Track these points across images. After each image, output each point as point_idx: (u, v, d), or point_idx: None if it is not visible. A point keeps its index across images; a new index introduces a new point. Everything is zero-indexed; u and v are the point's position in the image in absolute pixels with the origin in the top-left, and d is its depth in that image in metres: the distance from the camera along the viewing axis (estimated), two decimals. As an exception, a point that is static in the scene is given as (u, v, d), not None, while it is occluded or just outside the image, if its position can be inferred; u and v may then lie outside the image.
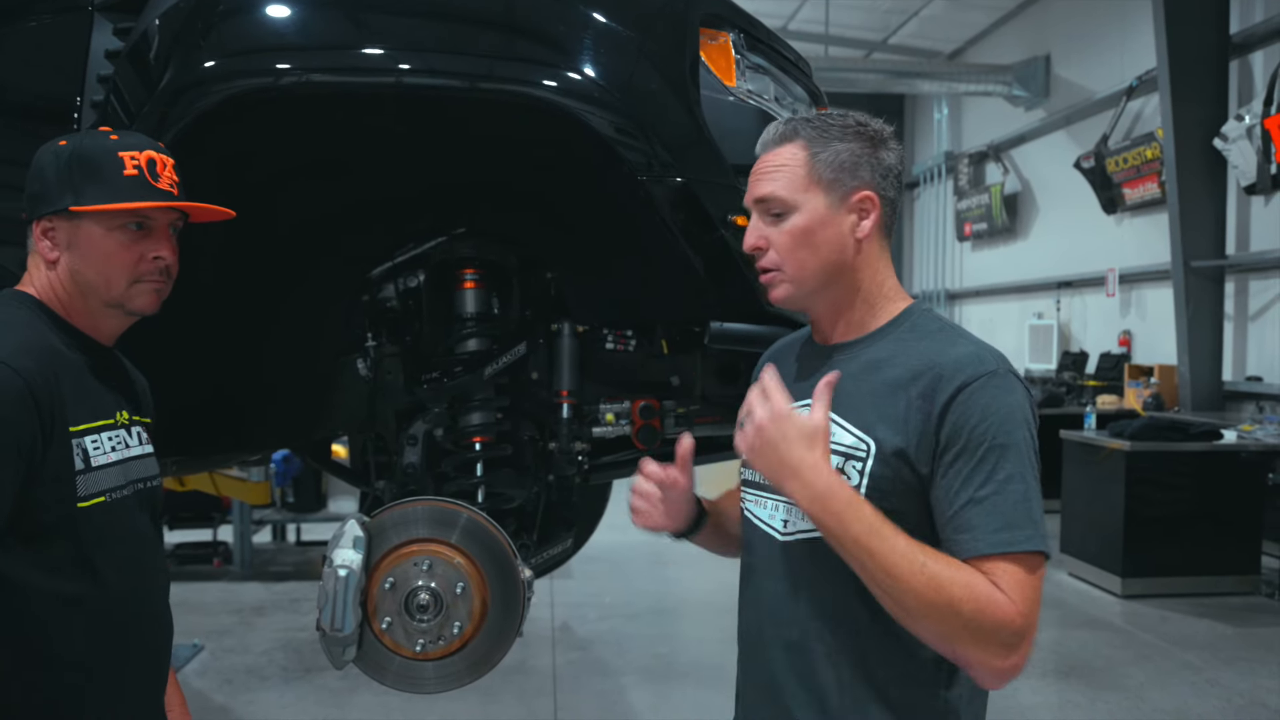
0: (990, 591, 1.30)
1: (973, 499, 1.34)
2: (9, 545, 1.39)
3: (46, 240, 1.55)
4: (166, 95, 1.89)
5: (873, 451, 1.41)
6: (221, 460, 3.06)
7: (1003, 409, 1.37)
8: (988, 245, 15.17)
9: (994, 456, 1.34)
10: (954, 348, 1.43)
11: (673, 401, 2.50)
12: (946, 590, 1.29)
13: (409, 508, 2.08)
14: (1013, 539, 1.33)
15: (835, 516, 1.33)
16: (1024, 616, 1.30)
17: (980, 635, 1.30)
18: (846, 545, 1.33)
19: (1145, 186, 10.40)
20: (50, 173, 1.54)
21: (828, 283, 1.48)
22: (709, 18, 2.07)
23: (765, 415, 1.38)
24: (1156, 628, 5.69)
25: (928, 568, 1.30)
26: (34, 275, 1.58)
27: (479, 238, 2.37)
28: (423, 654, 2.06)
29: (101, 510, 1.50)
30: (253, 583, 6.50)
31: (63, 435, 1.45)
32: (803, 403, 1.51)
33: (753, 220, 1.52)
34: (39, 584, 1.43)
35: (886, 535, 1.32)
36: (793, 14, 14.87)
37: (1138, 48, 10.47)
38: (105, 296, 1.56)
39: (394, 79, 1.98)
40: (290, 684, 4.71)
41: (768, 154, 1.51)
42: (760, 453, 1.38)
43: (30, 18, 2.05)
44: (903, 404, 1.40)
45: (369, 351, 2.43)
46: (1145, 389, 9.47)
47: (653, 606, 5.99)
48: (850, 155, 1.46)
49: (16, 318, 1.50)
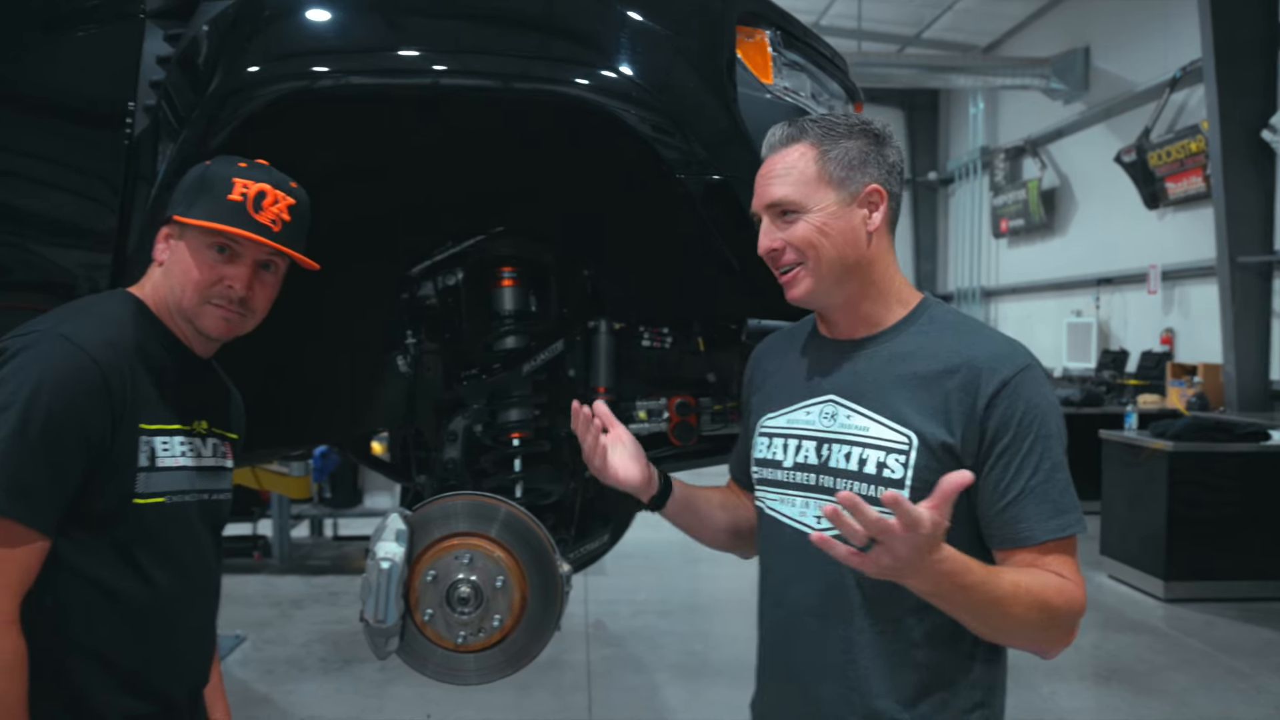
0: (1064, 584, 1.40)
1: (1026, 489, 1.42)
2: (64, 527, 1.44)
3: (162, 243, 1.62)
4: (214, 99, 1.93)
5: (915, 444, 1.44)
6: (266, 454, 3.12)
7: (1042, 402, 1.44)
8: (1025, 242, 15.03)
9: (1040, 447, 1.42)
10: (984, 342, 1.49)
11: (709, 398, 2.51)
12: (1049, 602, 1.39)
13: (449, 502, 2.10)
14: (1065, 524, 1.43)
15: (962, 588, 1.33)
16: (1083, 598, 1.43)
17: (1067, 627, 1.42)
18: (963, 606, 1.36)
19: (1189, 180, 10.27)
20: (184, 185, 1.62)
21: (845, 276, 1.51)
22: (746, 15, 2.08)
23: (908, 548, 1.25)
24: (1201, 632, 5.61)
25: (1029, 589, 1.37)
26: (147, 277, 1.65)
27: (517, 236, 2.39)
28: (463, 646, 2.08)
29: (157, 511, 1.54)
30: (291, 576, 6.60)
31: (132, 430, 1.49)
32: (817, 399, 1.55)
33: (765, 225, 1.55)
34: (79, 568, 1.47)
35: (991, 578, 1.36)
36: (825, 9, 14.82)
37: (1181, 38, 10.33)
38: (179, 307, 1.60)
39: (431, 80, 2.01)
40: (329, 675, 4.78)
41: (775, 156, 1.54)
42: (892, 571, 1.29)
43: (85, 26, 2.10)
44: (940, 397, 1.44)
45: (409, 348, 2.46)
46: (1189, 388, 9.36)
47: (686, 603, 6.01)
48: (859, 152, 1.51)
49: (113, 314, 1.56)
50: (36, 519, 1.40)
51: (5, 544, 1.38)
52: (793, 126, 1.55)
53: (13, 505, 1.38)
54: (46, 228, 2.13)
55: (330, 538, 7.70)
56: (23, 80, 2.15)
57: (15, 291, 2.19)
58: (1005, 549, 1.44)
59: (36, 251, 2.14)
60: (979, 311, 15.99)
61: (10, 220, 2.14)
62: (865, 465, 1.48)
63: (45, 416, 1.40)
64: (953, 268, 17.52)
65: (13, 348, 1.45)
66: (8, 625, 1.38)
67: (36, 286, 2.16)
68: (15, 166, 2.15)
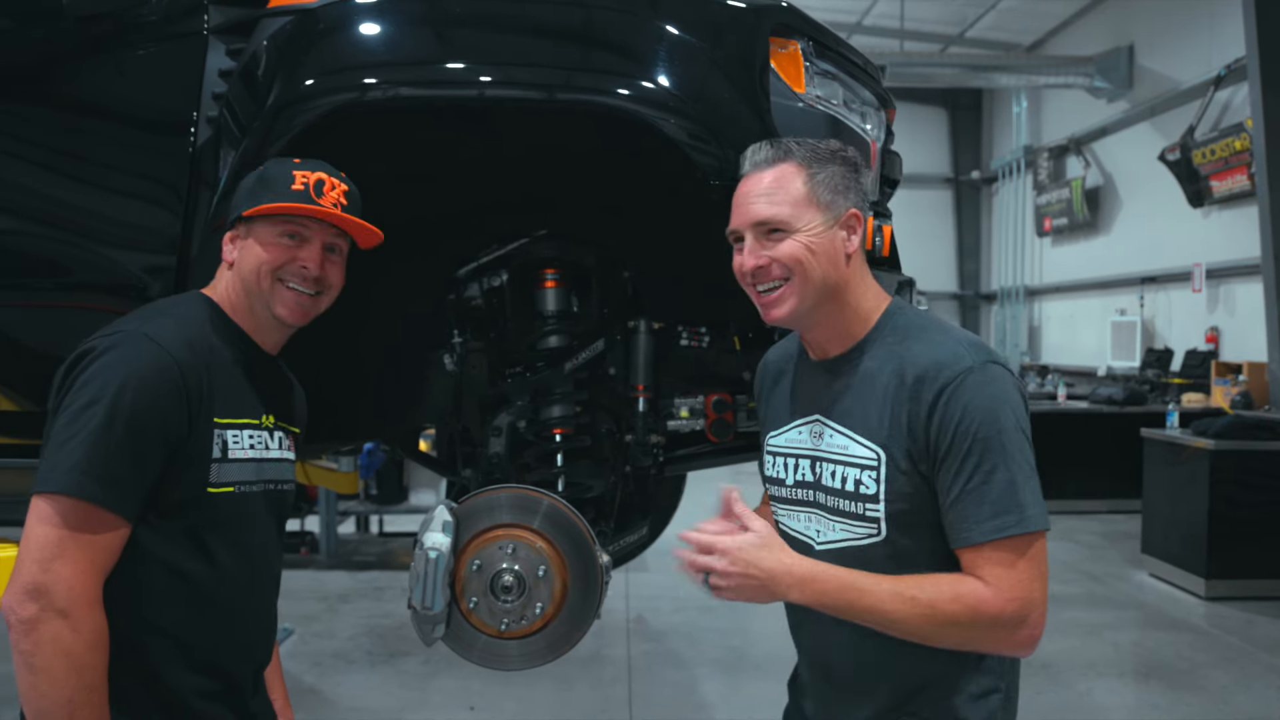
0: (974, 591, 1.44)
1: (963, 492, 1.46)
2: (142, 514, 1.54)
3: (229, 244, 1.73)
4: (273, 111, 2.02)
5: (883, 459, 1.51)
6: (319, 449, 3.22)
7: (982, 403, 1.46)
8: (1068, 240, 14.87)
9: (978, 449, 1.45)
10: (930, 348, 1.52)
11: (745, 396, 2.57)
12: (941, 610, 1.44)
13: (494, 494, 2.18)
14: (1000, 525, 1.44)
15: (819, 594, 1.48)
16: (1012, 601, 1.43)
17: (983, 631, 1.45)
18: (844, 611, 1.48)
19: (1234, 178, 10.14)
20: (244, 188, 1.73)
21: (826, 297, 1.56)
22: (779, 27, 2.14)
23: (725, 561, 1.51)
24: (1242, 630, 5.58)
25: (916, 598, 1.44)
26: (218, 279, 1.75)
27: (559, 239, 2.47)
28: (507, 633, 2.15)
29: (229, 500, 1.63)
30: (338, 571, 6.73)
31: (207, 423, 1.59)
32: (806, 419, 1.63)
33: (748, 243, 1.57)
34: (156, 551, 1.56)
35: (867, 587, 1.46)
36: (868, 9, 14.76)
37: (1226, 36, 10.20)
38: (256, 291, 1.69)
39: (477, 91, 2.09)
40: (375, 667, 4.88)
41: (759, 174, 1.57)
42: (743, 590, 1.51)
43: (152, 42, 2.22)
44: (898, 409, 1.50)
45: (455, 347, 2.54)
46: (1233, 387, 9.23)
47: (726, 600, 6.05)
48: (841, 177, 1.56)
49: (188, 314, 1.67)
50: (122, 506, 1.50)
51: (93, 529, 1.47)
52: (776, 147, 1.58)
53: (103, 493, 1.47)
54: (115, 232, 2.25)
55: (376, 534, 7.82)
56: (94, 94, 2.27)
57: (84, 293, 2.31)
58: (955, 549, 1.49)
59: (105, 255, 2.26)
60: (1023, 311, 15.86)
61: (81, 225, 2.26)
62: (847, 483, 1.55)
63: (130, 413, 1.50)
64: (996, 267, 17.37)
65: (100, 347, 1.55)
66: (92, 605, 1.48)
67: (105, 288, 2.28)
68: (86, 174, 2.27)
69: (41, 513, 1.47)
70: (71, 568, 1.46)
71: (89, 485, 1.47)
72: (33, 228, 2.30)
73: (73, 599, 1.45)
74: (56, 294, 2.31)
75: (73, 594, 1.45)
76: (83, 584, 1.47)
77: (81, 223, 2.26)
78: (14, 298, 2.32)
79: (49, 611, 1.44)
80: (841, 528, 1.56)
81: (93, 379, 1.52)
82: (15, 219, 2.30)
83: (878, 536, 1.52)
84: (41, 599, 1.44)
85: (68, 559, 1.45)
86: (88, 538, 1.47)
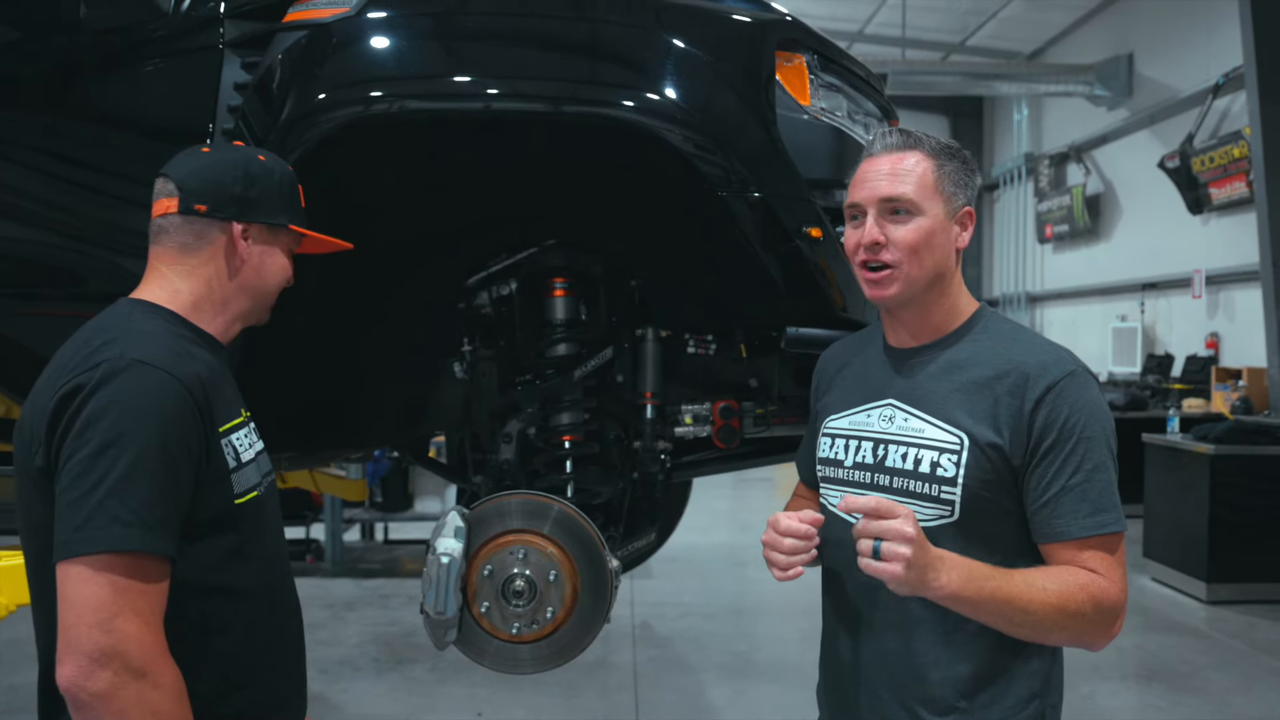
0: (1095, 581, 1.48)
1: (1065, 487, 1.49)
2: (179, 545, 1.42)
3: (244, 241, 1.61)
4: (287, 124, 2.06)
5: (966, 444, 1.53)
6: (329, 456, 3.25)
7: (1087, 405, 1.51)
8: (1069, 247, 14.91)
9: (1082, 448, 1.49)
10: (1034, 349, 1.56)
11: (751, 403, 2.61)
12: (1073, 600, 1.46)
13: (505, 501, 2.21)
14: (1103, 522, 1.49)
15: (967, 579, 1.44)
16: (1123, 591, 1.50)
17: (1101, 622, 1.49)
18: (984, 604, 1.46)
19: (1233, 186, 10.17)
20: (266, 184, 1.64)
21: (931, 285, 1.59)
22: (784, 41, 2.17)
23: (909, 525, 1.41)
24: (1243, 634, 5.60)
25: (1048, 589, 1.46)
26: (162, 280, 1.60)
27: (568, 249, 2.50)
28: (518, 637, 2.19)
29: (254, 505, 1.56)
30: (343, 579, 6.72)
31: (216, 437, 1.50)
32: (876, 404, 1.64)
33: (870, 217, 1.57)
34: (202, 580, 1.47)
35: (1007, 578, 1.46)
36: (870, 18, 14.82)
37: (1224, 44, 10.24)
38: (266, 303, 1.69)
39: (483, 104, 2.13)
40: (382, 675, 4.89)
41: (888, 156, 1.59)
42: (914, 564, 1.41)
43: (168, 56, 2.25)
44: (990, 401, 1.53)
45: (465, 355, 2.58)
46: (1233, 392, 9.26)
47: (731, 606, 6.08)
48: (961, 173, 1.60)
49: (155, 328, 1.52)
50: (169, 547, 1.40)
51: (146, 577, 1.36)
52: (906, 135, 1.61)
53: (150, 539, 1.36)
54: (131, 243, 2.27)
55: (381, 541, 7.80)
56: (111, 106, 2.31)
57: (100, 302, 2.32)
58: (1046, 543, 1.52)
59: (121, 265, 2.27)
60: (1024, 317, 15.87)
61: (98, 236, 2.30)
62: (920, 464, 1.56)
63: (158, 445, 1.38)
64: (998, 273, 17.41)
65: (89, 382, 1.39)
66: (165, 655, 1.38)
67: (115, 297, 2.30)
68: (103, 185, 2.31)
69: (82, 574, 1.33)
70: (136, 622, 1.34)
71: (134, 536, 1.34)
72: (49, 238, 2.34)
73: (145, 655, 1.34)
74: (73, 303, 2.33)
75: (144, 650, 1.34)
76: (151, 637, 1.36)
77: (98, 233, 2.29)
78: (30, 307, 2.35)
79: (124, 675, 1.32)
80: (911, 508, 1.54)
81: (97, 419, 1.37)
82: (32, 228, 2.33)
83: (950, 518, 1.53)
84: (113, 664, 1.31)
85: (129, 615, 1.33)
86: (142, 587, 1.35)
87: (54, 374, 1.46)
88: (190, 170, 1.61)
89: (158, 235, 1.61)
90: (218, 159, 1.65)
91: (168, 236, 1.60)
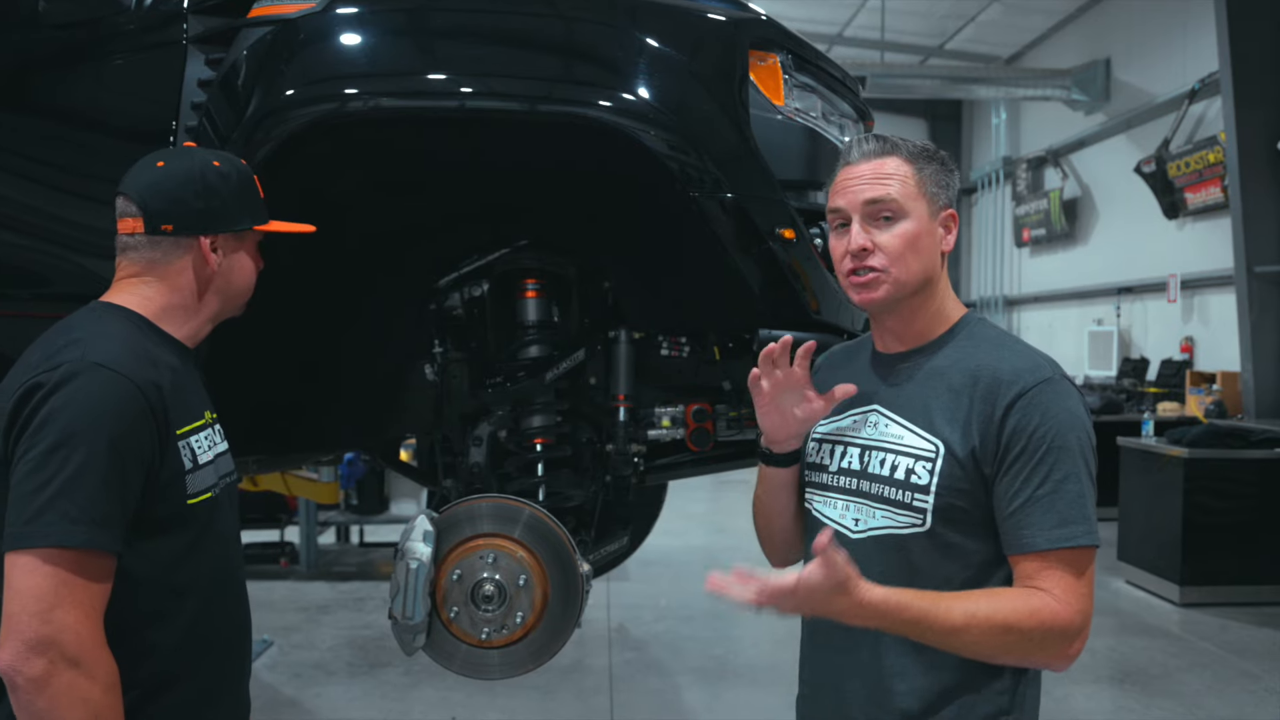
0: (1045, 604, 1.44)
1: (1031, 497, 1.46)
2: (128, 540, 1.47)
3: (215, 254, 1.66)
4: (253, 121, 2.03)
5: (941, 452, 1.51)
6: (298, 459, 3.21)
7: (1062, 414, 1.48)
8: (1046, 251, 15.01)
9: (1052, 458, 1.46)
10: (1012, 356, 1.54)
11: (725, 405, 2.59)
12: (1014, 625, 1.43)
13: (475, 504, 2.19)
14: (1068, 535, 1.45)
15: (904, 623, 1.43)
16: (1079, 614, 1.44)
17: (1048, 644, 1.45)
18: (912, 634, 1.45)
19: (1208, 191, 10.27)
20: (226, 192, 1.66)
21: (918, 289, 1.58)
22: (758, 40, 2.16)
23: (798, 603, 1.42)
24: (1215, 636, 5.64)
25: (992, 615, 1.43)
26: (132, 287, 1.64)
27: (540, 249, 2.48)
28: (487, 642, 2.16)
29: (206, 506, 1.60)
30: (318, 582, 6.68)
31: (172, 438, 1.54)
32: (860, 409, 1.63)
33: (855, 224, 1.57)
34: (150, 576, 1.51)
35: (938, 608, 1.43)
36: (848, 21, 14.87)
37: (1200, 50, 10.34)
38: (239, 302, 1.73)
39: (457, 103, 2.10)
40: (356, 679, 4.86)
41: (870, 163, 1.58)
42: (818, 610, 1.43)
43: (130, 51, 2.21)
44: (965, 406, 1.52)
45: (436, 357, 2.54)
46: (1207, 396, 9.34)
47: (708, 609, 6.06)
48: (942, 176, 1.60)
49: (123, 332, 1.56)
50: (114, 544, 1.44)
51: (89, 573, 1.41)
52: (883, 140, 1.60)
53: (95, 536, 1.41)
54: (94, 241, 2.22)
55: (356, 544, 7.77)
56: (71, 102, 2.26)
57: (63, 303, 2.27)
58: (1012, 554, 1.49)
59: (83, 264, 2.22)
60: (1001, 320, 15.97)
61: (59, 234, 2.25)
62: (896, 471, 1.55)
63: (107, 448, 1.43)
64: (975, 276, 17.52)
65: (48, 382, 1.45)
66: (101, 647, 1.42)
67: (80, 297, 2.26)
68: (64, 183, 2.26)
69: (28, 565, 1.39)
70: (75, 614, 1.39)
71: (79, 533, 1.40)
72: (9, 237, 2.29)
73: (82, 645, 1.39)
74: (35, 304, 2.28)
75: (81, 640, 1.39)
76: (88, 628, 1.41)
77: (60, 232, 2.25)
78: None
79: (59, 663, 1.37)
80: (884, 515, 1.56)
81: (52, 418, 1.42)
82: None
83: (921, 527, 1.52)
84: (49, 652, 1.37)
85: (68, 606, 1.39)
86: (84, 581, 1.41)
87: (19, 371, 1.51)
88: (149, 187, 1.64)
89: (125, 250, 1.66)
90: (174, 171, 1.66)
91: (135, 253, 1.65)
